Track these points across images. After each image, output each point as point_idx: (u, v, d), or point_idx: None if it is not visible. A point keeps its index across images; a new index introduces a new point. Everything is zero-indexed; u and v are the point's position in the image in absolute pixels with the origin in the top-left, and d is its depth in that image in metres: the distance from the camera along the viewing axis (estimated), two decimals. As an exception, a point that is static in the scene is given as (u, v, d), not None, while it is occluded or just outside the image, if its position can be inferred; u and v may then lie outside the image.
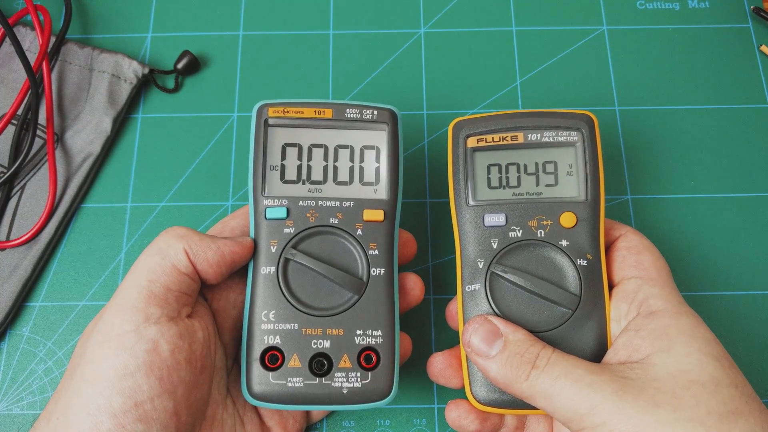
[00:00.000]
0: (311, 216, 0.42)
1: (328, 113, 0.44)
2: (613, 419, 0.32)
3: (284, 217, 0.42)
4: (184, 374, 0.36)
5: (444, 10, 0.60)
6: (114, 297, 0.38)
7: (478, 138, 0.43)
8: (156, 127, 0.56)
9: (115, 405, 0.34)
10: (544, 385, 0.35)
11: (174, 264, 0.38)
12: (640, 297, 0.38)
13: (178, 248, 0.39)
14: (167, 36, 0.59)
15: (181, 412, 0.36)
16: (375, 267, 0.42)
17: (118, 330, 0.36)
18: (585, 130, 0.42)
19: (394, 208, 0.43)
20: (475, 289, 0.41)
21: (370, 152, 0.44)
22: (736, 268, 0.51)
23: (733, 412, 0.32)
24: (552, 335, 0.39)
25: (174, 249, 0.39)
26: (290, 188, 0.43)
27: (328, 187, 0.43)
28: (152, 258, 0.39)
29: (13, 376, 0.49)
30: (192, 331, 0.38)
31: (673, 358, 0.34)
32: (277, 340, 0.41)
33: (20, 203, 0.53)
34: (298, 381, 0.40)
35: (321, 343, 0.41)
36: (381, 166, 0.44)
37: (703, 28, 0.59)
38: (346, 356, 0.41)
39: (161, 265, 0.38)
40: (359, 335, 0.41)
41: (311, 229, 0.42)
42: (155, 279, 0.38)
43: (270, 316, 0.41)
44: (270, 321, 0.41)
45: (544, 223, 0.41)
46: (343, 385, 0.40)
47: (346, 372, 0.41)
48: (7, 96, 0.55)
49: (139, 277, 0.38)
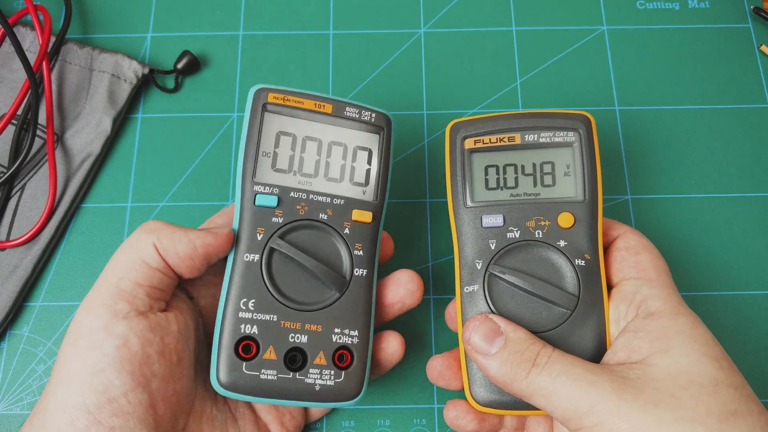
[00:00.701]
0: (301, 208, 0.42)
1: (327, 108, 0.44)
2: (611, 418, 0.32)
3: (274, 205, 0.42)
4: (157, 367, 0.37)
5: (444, 10, 0.60)
6: (86, 296, 0.38)
7: (476, 139, 0.43)
8: (156, 127, 0.56)
9: (88, 402, 0.34)
10: (543, 383, 0.35)
11: (143, 259, 0.38)
12: (639, 298, 0.38)
13: (148, 242, 0.38)
14: (167, 36, 0.59)
15: (158, 405, 0.36)
16: (358, 267, 0.42)
17: (87, 328, 0.36)
18: (582, 130, 0.42)
19: (381, 212, 0.44)
20: (474, 290, 0.41)
21: (362, 153, 0.44)
22: (736, 268, 0.51)
23: (732, 413, 0.32)
24: (550, 336, 0.39)
25: (143, 243, 0.39)
26: (281, 177, 0.43)
27: (318, 181, 0.43)
28: (123, 254, 0.39)
29: (13, 376, 0.49)
30: (165, 324, 0.38)
31: (672, 359, 0.34)
32: (254, 330, 0.40)
33: (20, 203, 0.53)
34: (272, 374, 0.39)
35: (298, 338, 0.40)
36: (372, 169, 0.44)
37: (703, 28, 0.59)
38: (322, 353, 0.41)
39: (131, 260, 0.38)
40: (337, 333, 0.41)
41: (300, 221, 0.42)
42: (124, 275, 0.38)
43: (249, 304, 0.40)
44: (249, 310, 0.40)
45: (542, 224, 0.41)
46: (317, 381, 0.40)
47: (321, 369, 0.40)
48: (7, 96, 0.55)
49: (109, 274, 0.38)
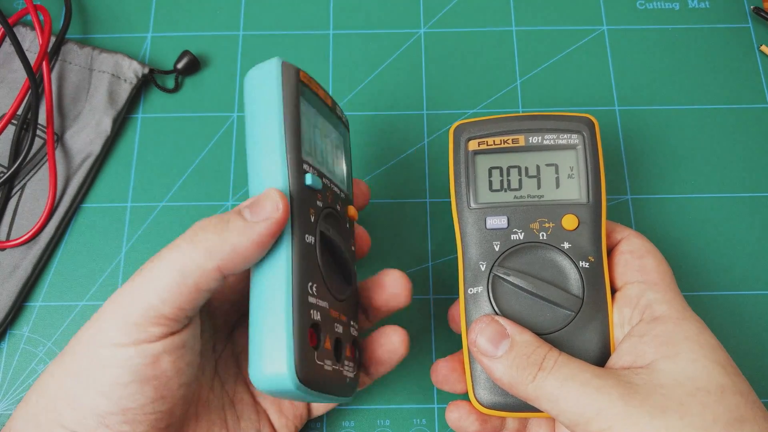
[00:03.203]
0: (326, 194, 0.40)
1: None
2: (619, 424, 0.32)
3: (320, 187, 0.38)
4: (185, 378, 0.35)
5: (444, 10, 0.60)
6: (116, 302, 0.34)
7: (479, 141, 0.43)
8: (156, 127, 0.56)
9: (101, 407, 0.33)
10: (550, 387, 0.35)
11: (198, 285, 0.33)
12: (644, 302, 0.38)
13: (208, 268, 0.33)
14: (167, 36, 0.59)
15: (176, 409, 0.35)
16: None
17: (114, 341, 0.33)
18: (586, 132, 0.42)
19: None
20: (478, 292, 0.41)
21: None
22: (736, 268, 0.52)
23: (739, 419, 0.32)
24: (554, 338, 0.39)
25: (202, 270, 0.33)
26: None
27: None
28: (169, 274, 0.33)
29: (13, 376, 0.49)
30: (196, 332, 0.36)
31: (679, 365, 0.34)
32: (318, 317, 0.36)
33: (20, 203, 0.53)
34: (329, 365, 0.36)
35: (338, 328, 0.38)
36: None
37: (703, 28, 0.59)
38: (348, 345, 0.39)
39: (179, 285, 0.33)
40: (352, 325, 0.41)
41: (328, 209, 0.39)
42: (167, 299, 0.33)
43: (313, 289, 0.36)
44: (314, 295, 0.36)
45: (546, 226, 0.41)
46: (347, 374, 0.38)
47: (349, 361, 0.39)
48: (7, 96, 0.55)
49: (149, 293, 0.33)
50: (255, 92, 0.38)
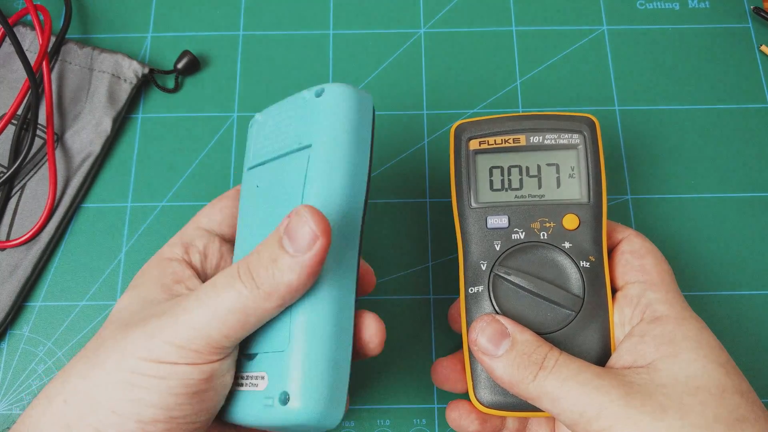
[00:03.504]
0: None
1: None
2: (619, 423, 0.32)
3: None
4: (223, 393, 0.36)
5: (444, 10, 0.60)
6: (173, 330, 0.33)
7: (480, 140, 0.43)
8: (156, 127, 0.56)
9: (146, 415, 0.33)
10: (551, 387, 0.35)
11: (260, 322, 0.34)
12: (644, 302, 0.38)
13: (269, 307, 0.33)
14: (167, 36, 0.59)
15: (209, 422, 0.36)
16: None
17: (172, 361, 0.33)
18: (587, 132, 0.42)
19: None
20: (478, 291, 0.41)
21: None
22: (736, 268, 0.52)
23: (739, 419, 0.32)
24: (555, 337, 0.39)
25: (263, 310, 0.33)
26: None
27: None
28: (234, 316, 0.33)
29: (13, 376, 0.49)
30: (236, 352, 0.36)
31: (679, 365, 0.34)
32: None
33: (20, 203, 0.52)
34: None
35: None
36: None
37: (703, 28, 0.59)
38: None
39: (245, 324, 0.33)
40: None
41: None
42: (233, 336, 0.33)
43: None
44: None
45: (547, 225, 0.41)
46: None
47: None
48: (7, 96, 0.55)
49: (213, 331, 0.33)
50: (348, 117, 0.39)
